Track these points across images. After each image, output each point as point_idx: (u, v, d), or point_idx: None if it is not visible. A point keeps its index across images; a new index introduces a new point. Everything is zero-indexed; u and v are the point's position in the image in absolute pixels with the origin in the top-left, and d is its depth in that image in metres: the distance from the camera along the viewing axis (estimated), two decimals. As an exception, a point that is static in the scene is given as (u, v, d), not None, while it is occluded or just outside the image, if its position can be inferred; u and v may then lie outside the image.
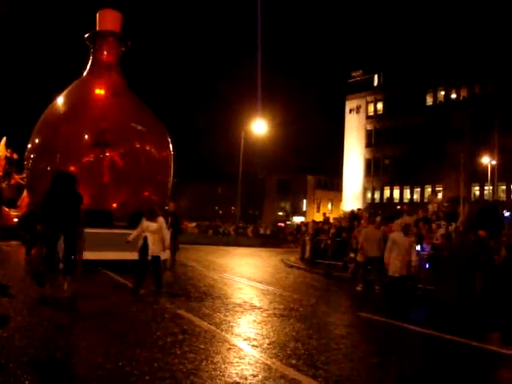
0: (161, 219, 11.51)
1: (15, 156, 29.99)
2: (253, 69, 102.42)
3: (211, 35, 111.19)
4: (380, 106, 63.86)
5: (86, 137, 16.32)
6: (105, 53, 18.26)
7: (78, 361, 6.04)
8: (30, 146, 17.38)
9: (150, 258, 11.18)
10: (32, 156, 17.26)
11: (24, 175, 22.08)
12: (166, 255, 15.16)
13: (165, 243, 11.49)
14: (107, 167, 16.27)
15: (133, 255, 13.35)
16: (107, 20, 18.21)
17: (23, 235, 17.41)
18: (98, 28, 18.26)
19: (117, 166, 16.33)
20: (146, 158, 17.12)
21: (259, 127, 40.94)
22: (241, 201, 47.16)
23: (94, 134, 16.13)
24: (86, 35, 18.08)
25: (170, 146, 18.46)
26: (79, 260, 11.39)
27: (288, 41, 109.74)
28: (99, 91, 17.88)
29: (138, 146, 16.98)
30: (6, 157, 29.83)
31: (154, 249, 11.20)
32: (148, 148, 17.31)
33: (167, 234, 11.78)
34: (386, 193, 61.92)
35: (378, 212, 24.62)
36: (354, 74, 66.95)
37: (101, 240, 14.02)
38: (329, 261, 19.84)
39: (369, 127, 64.14)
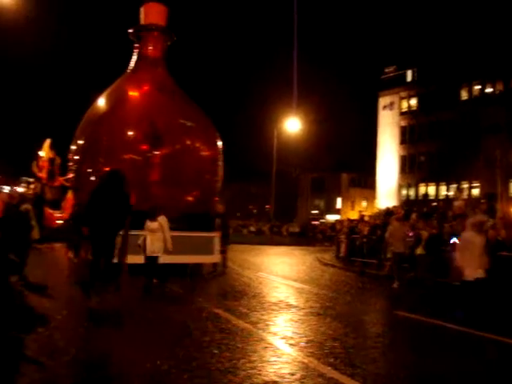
0: (162, 218, 11.26)
1: (58, 159, 30.21)
2: (285, 66, 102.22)
3: (246, 31, 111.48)
4: (414, 101, 63.07)
5: (132, 135, 15.65)
6: (150, 48, 17.52)
7: (116, 360, 6.13)
8: (73, 147, 16.80)
9: (144, 258, 11.04)
10: (76, 157, 16.69)
11: (68, 177, 21.85)
12: (215, 259, 15.21)
13: (167, 244, 11.26)
14: (154, 166, 15.59)
15: (178, 258, 13.56)
16: (152, 14, 17.46)
17: (69, 237, 16.83)
18: (142, 22, 17.55)
19: (164, 165, 15.56)
20: (194, 156, 16.30)
21: (293, 125, 40.87)
22: (275, 199, 47.11)
23: (141, 131, 15.45)
24: (130, 30, 17.41)
25: (219, 142, 17.41)
26: (124, 264, 10.52)
27: (321, 37, 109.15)
28: (145, 87, 17.08)
29: (188, 142, 16.23)
30: (50, 159, 30.06)
31: (151, 249, 11.07)
32: (198, 145, 16.53)
33: (169, 234, 11.49)
34: (422, 190, 61.10)
35: (413, 209, 24.31)
36: (386, 70, 66.25)
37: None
38: (364, 259, 19.72)
39: (403, 123, 63.39)
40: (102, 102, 16.88)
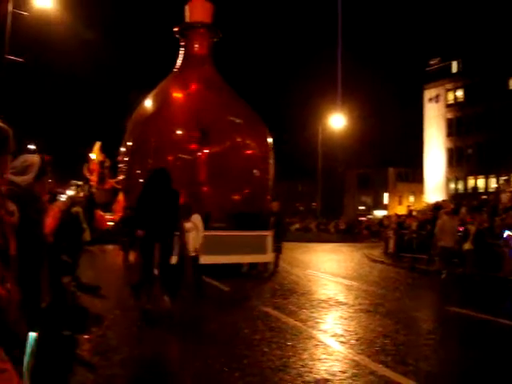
0: (196, 217, 10.77)
1: (108, 162, 30.56)
2: (329, 62, 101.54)
3: (290, 28, 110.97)
4: (460, 93, 61.75)
5: (180, 134, 15.60)
6: (196, 45, 17.45)
7: (168, 359, 6.22)
8: (123, 148, 16.88)
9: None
10: (125, 158, 16.71)
11: (118, 179, 22.31)
12: (268, 258, 14.84)
13: (196, 243, 10.69)
14: (204, 165, 15.33)
15: (231, 258, 13.79)
16: (197, 11, 17.34)
17: (121, 239, 16.70)
18: (187, 20, 17.55)
19: (214, 164, 15.28)
20: (245, 154, 16.10)
21: (337, 121, 40.60)
22: (321, 196, 46.89)
23: (189, 130, 15.34)
24: (176, 28, 17.43)
25: (269, 139, 17.03)
26: (186, 265, 9.86)
27: (364, 31, 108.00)
28: (192, 86, 16.90)
29: (238, 140, 16.02)
30: (100, 161, 30.50)
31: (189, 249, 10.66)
32: (248, 142, 16.26)
33: (201, 233, 10.91)
34: (470, 183, 59.81)
35: (462, 202, 23.85)
36: (431, 62, 65.09)
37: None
38: (414, 254, 19.44)
39: (449, 116, 62.16)
40: (149, 102, 16.82)
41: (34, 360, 2.75)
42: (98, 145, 30.87)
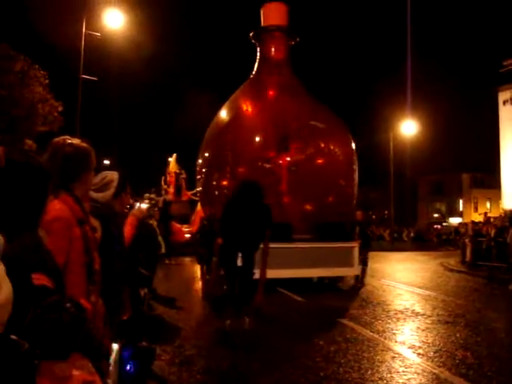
0: None
1: (184, 174, 30.64)
2: (399, 66, 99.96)
3: (359, 34, 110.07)
4: (537, 93, 59.44)
5: (260, 142, 14.85)
6: (273, 49, 16.72)
7: (245, 370, 6.22)
8: (200, 160, 16.27)
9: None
10: (203, 170, 16.09)
11: (196, 191, 22.09)
12: (355, 271, 13.97)
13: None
14: (286, 174, 14.56)
15: (315, 272, 13.41)
16: (273, 14, 16.64)
17: (198, 252, 15.37)
18: (263, 24, 16.88)
19: (297, 172, 14.54)
20: (329, 160, 15.14)
21: (408, 127, 39.87)
22: (394, 204, 46.09)
23: (269, 138, 14.70)
24: (252, 33, 16.75)
25: (353, 144, 16.08)
26: (262, 281, 8.63)
27: (435, 35, 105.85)
28: (270, 91, 16.26)
29: (321, 145, 15.09)
30: (176, 173, 30.27)
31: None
32: (331, 147, 15.30)
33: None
34: (552, 187, 57.31)
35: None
36: (505, 63, 62.99)
37: (280, 256, 11.84)
38: (492, 263, 18.77)
39: (526, 118, 59.90)
40: (225, 111, 16.27)
41: (117, 371, 2.82)
42: (174, 156, 31.08)
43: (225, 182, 15.05)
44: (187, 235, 22.82)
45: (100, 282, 2.72)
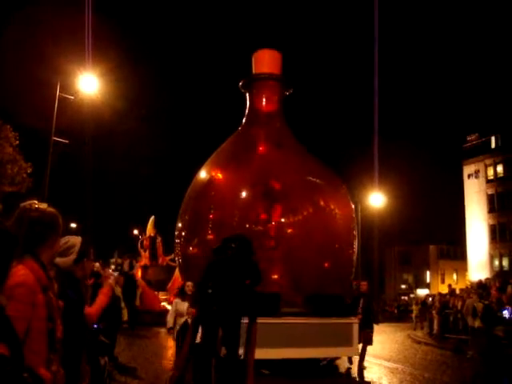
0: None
1: (159, 238, 29.33)
2: (366, 142, 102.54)
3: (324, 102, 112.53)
4: (500, 168, 61.20)
5: (247, 201, 13.09)
6: (264, 99, 15.06)
7: None
8: (179, 224, 14.31)
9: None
10: (183, 233, 14.18)
11: (173, 256, 20.92)
12: (354, 351, 11.93)
13: None
14: (276, 236, 12.82)
15: (308, 352, 11.17)
16: (265, 62, 14.91)
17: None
18: (254, 72, 15.11)
19: (289, 234, 12.94)
20: (327, 221, 13.32)
21: (376, 199, 40.49)
22: (361, 275, 46.15)
23: (257, 197, 13.14)
24: (241, 82, 15.07)
25: (352, 205, 14.57)
26: (250, 365, 6.70)
27: (400, 110, 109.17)
28: (259, 145, 14.53)
29: (320, 204, 13.38)
30: (151, 237, 29.07)
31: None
32: (331, 207, 13.52)
33: None
34: (516, 259, 58.27)
35: (509, 281, 23.13)
36: (469, 138, 65.08)
37: (266, 333, 9.29)
38: (459, 335, 18.75)
39: (490, 191, 61.41)
40: (208, 168, 14.42)
41: None
42: (151, 219, 29.88)
43: (204, 248, 12.88)
44: (163, 303, 21.47)
45: (61, 351, 2.63)
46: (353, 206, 14.35)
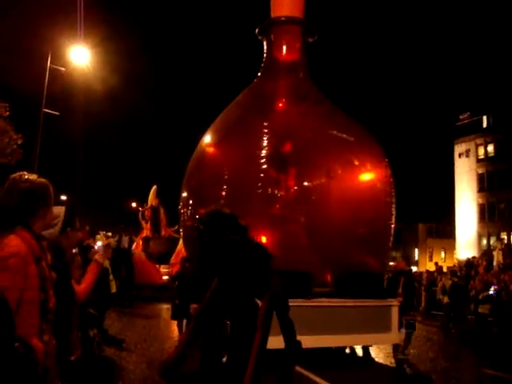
0: None
1: (162, 208, 28.09)
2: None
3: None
4: (491, 148, 61.37)
5: (265, 164, 10.74)
6: (284, 47, 13.06)
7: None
8: (184, 193, 12.53)
9: None
10: (190, 202, 12.33)
11: (177, 227, 20.12)
12: (393, 338, 10.21)
13: None
14: (299, 205, 10.66)
15: (338, 340, 9.66)
16: (285, 3, 13.07)
17: (175, 303, 12.03)
18: (272, 15, 13.20)
19: (315, 203, 10.70)
20: (359, 185, 11.38)
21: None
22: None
23: (275, 159, 10.85)
24: (258, 28, 13.24)
25: (389, 168, 11.95)
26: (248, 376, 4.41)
27: (395, 86, 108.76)
28: (279, 100, 12.53)
29: (352, 164, 11.39)
30: (152, 207, 27.44)
31: None
32: (368, 168, 11.53)
33: None
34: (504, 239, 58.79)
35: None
36: (461, 117, 65.15)
37: (295, 318, 6.08)
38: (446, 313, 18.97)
39: (480, 171, 61.68)
40: (216, 128, 12.60)
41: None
42: (153, 189, 28.27)
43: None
44: (165, 277, 20.43)
45: (53, 322, 2.65)
46: (389, 168, 11.98)
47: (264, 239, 9.76)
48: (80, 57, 21.82)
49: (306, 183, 10.91)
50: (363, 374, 8.81)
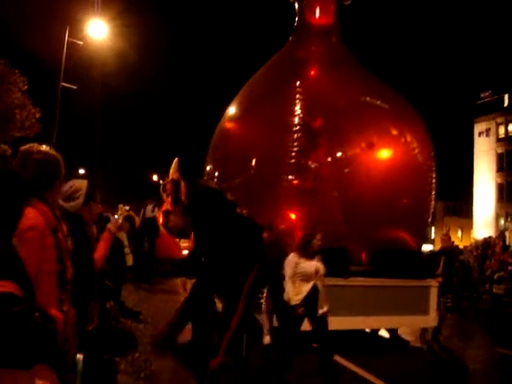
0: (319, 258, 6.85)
1: (183, 182, 27.74)
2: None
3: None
4: (511, 127, 60.66)
5: (296, 134, 9.73)
6: (317, 10, 11.91)
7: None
8: (209, 166, 11.93)
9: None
10: (216, 174, 11.55)
11: None
12: (431, 321, 9.54)
13: (323, 303, 6.62)
14: (332, 178, 9.72)
15: (370, 322, 8.98)
16: None
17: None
18: None
19: (351, 174, 9.78)
20: (400, 155, 10.34)
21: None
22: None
23: (307, 128, 9.80)
24: None
25: (429, 139, 11.17)
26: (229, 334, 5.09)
27: (415, 65, 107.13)
28: (311, 66, 11.39)
29: (390, 133, 10.32)
30: (173, 180, 25.85)
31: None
32: (408, 139, 10.41)
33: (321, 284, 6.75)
34: (522, 219, 58.31)
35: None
36: (482, 95, 64.27)
37: (331, 297, 7.04)
38: (461, 292, 18.97)
39: (499, 150, 61.02)
40: (242, 98, 11.80)
41: (81, 382, 2.80)
42: (175, 161, 26.30)
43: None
44: (184, 251, 19.42)
45: (72, 292, 2.70)
46: (430, 139, 11.18)
47: (293, 216, 9.44)
48: (98, 30, 21.78)
49: (339, 154, 9.88)
50: (396, 358, 8.38)
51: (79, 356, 2.80)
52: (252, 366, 5.64)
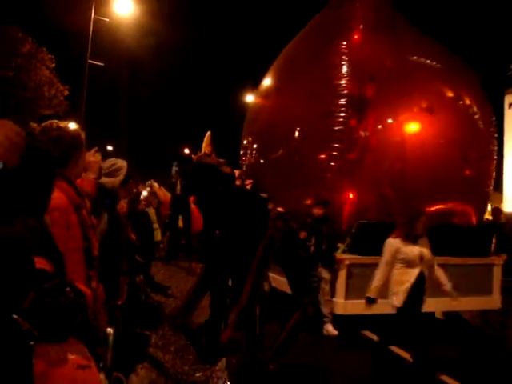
0: (424, 240, 5.82)
1: (214, 156, 28.16)
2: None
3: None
4: (543, 98, 59.20)
5: (342, 98, 8.78)
6: None
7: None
8: (245, 140, 11.16)
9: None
10: (251, 147, 10.78)
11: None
12: (495, 303, 8.80)
13: (444, 285, 5.92)
14: (382, 148, 8.78)
15: (434, 304, 7.18)
16: None
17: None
18: None
19: (401, 143, 8.81)
20: (460, 122, 9.33)
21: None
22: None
23: (356, 94, 8.80)
24: None
25: (489, 103, 10.45)
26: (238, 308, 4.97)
27: (443, 35, 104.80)
28: (356, 30, 9.87)
29: (448, 94, 9.33)
30: (205, 154, 28.03)
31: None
32: (467, 103, 9.53)
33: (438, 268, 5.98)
34: (554, 193, 57.20)
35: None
36: (512, 67, 62.76)
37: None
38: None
39: (531, 122, 59.71)
40: (286, 60, 10.81)
41: (112, 355, 2.86)
42: (207, 135, 27.99)
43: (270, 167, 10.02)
44: None
45: (99, 268, 2.74)
46: (489, 104, 10.34)
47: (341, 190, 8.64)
48: (124, 7, 21.77)
49: (390, 120, 9.00)
50: (455, 344, 7.56)
51: (110, 330, 2.86)
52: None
